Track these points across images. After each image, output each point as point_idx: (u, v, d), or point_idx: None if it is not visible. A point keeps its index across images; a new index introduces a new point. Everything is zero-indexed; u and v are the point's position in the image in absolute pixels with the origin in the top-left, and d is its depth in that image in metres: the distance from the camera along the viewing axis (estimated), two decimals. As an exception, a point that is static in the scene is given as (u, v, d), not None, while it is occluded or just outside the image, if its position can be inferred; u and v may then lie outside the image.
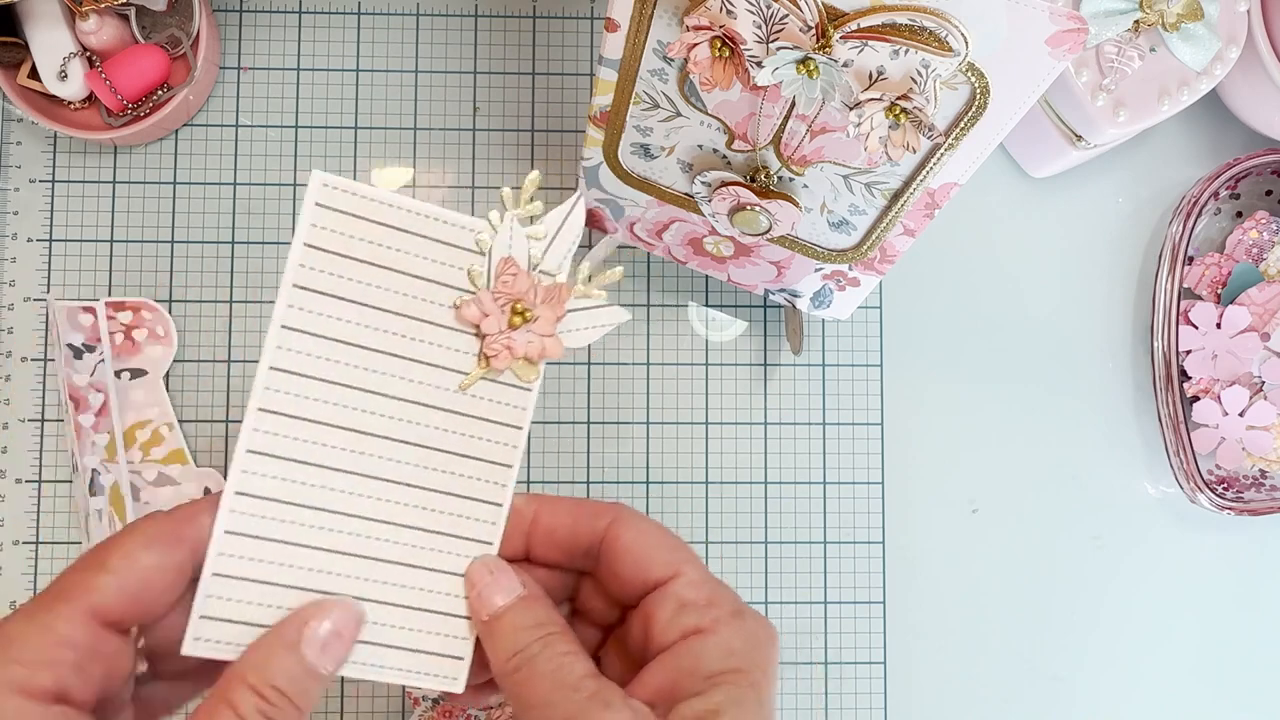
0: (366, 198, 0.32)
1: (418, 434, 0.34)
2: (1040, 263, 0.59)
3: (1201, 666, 0.58)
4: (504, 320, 0.34)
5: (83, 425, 0.53)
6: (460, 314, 0.34)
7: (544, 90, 0.58)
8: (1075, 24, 0.33)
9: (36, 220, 0.56)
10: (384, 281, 0.33)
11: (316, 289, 0.33)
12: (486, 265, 0.34)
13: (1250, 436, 0.56)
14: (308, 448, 0.33)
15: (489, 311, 0.34)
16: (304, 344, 0.33)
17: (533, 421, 0.56)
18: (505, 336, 0.34)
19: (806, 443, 0.57)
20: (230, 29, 0.57)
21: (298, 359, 0.33)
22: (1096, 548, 0.58)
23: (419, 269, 0.33)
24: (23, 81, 0.53)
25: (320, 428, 0.33)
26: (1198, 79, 0.51)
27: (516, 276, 0.34)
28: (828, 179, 0.42)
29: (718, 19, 0.35)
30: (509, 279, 0.34)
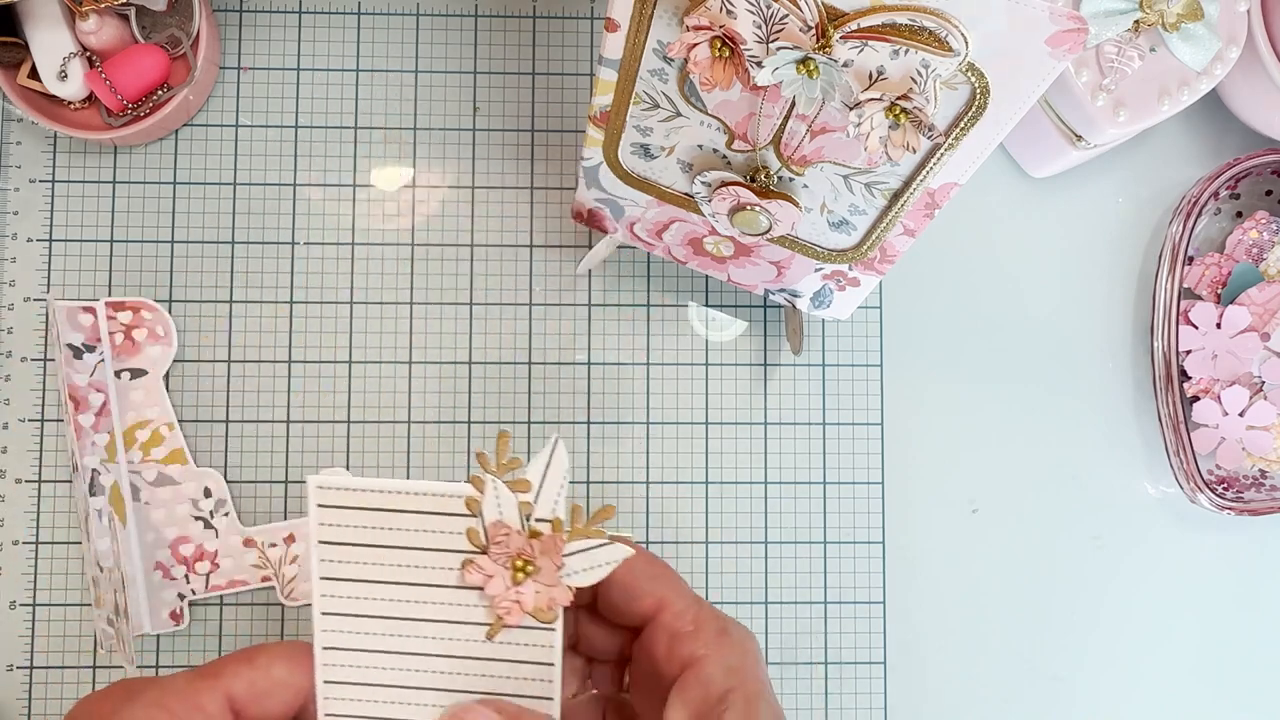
0: (359, 490, 0.35)
1: (461, 682, 0.37)
2: (1040, 263, 0.59)
3: (1201, 666, 0.58)
4: (508, 577, 0.35)
5: (83, 425, 0.53)
6: (466, 580, 0.35)
7: (544, 90, 0.58)
8: (1075, 24, 0.33)
9: (36, 220, 0.56)
10: (396, 559, 0.36)
11: (340, 577, 0.36)
12: (481, 528, 0.36)
13: (1250, 436, 0.56)
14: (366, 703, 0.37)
15: (491, 573, 0.35)
16: (342, 624, 0.36)
17: (532, 421, 0.57)
18: (513, 593, 0.35)
19: (806, 443, 0.57)
20: (230, 29, 0.57)
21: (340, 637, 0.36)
22: (1096, 548, 0.58)
23: (423, 541, 0.36)
24: (23, 81, 0.53)
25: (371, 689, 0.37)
26: (1198, 79, 0.51)
27: (509, 536, 0.35)
28: (828, 179, 0.42)
29: (718, 19, 0.35)
30: (503, 540, 0.35)
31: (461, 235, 0.57)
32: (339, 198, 0.57)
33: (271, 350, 0.56)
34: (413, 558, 0.36)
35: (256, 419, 0.56)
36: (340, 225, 0.57)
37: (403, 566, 0.36)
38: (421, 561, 0.36)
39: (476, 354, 0.57)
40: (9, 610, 0.54)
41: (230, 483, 0.55)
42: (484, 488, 0.35)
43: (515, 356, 0.57)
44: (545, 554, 0.35)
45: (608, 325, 0.57)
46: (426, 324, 0.57)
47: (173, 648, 0.55)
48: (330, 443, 0.56)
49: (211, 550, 0.55)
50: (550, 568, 0.35)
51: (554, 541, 0.35)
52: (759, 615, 0.56)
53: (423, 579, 0.36)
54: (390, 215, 0.57)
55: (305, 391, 0.56)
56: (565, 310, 0.57)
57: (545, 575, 0.35)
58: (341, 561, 0.36)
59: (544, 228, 0.58)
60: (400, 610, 0.36)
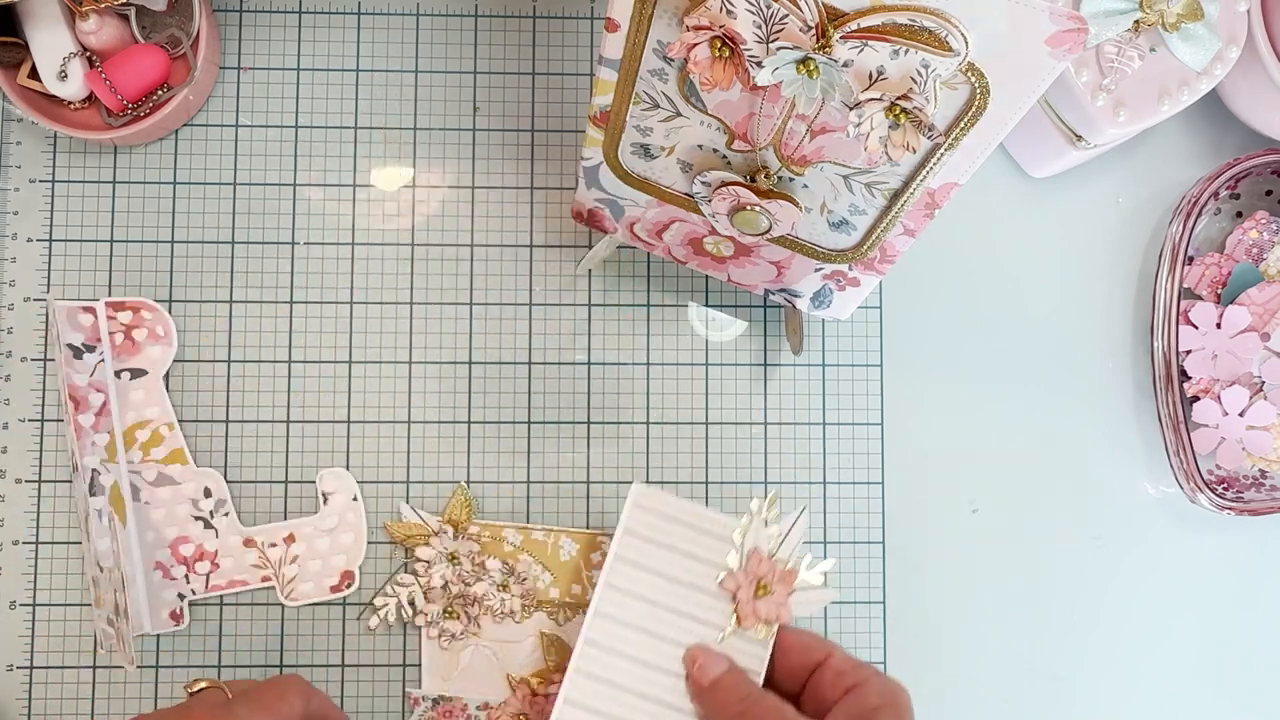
0: (668, 502, 0.49)
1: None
2: (1040, 263, 0.59)
3: (1201, 666, 0.58)
4: (751, 591, 0.48)
5: (83, 425, 0.53)
6: (723, 585, 0.48)
7: (544, 90, 0.58)
8: (1075, 24, 0.33)
9: (36, 220, 0.56)
10: (672, 561, 0.48)
11: (631, 562, 0.48)
12: (740, 552, 0.49)
13: (1250, 436, 0.56)
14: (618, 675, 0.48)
15: (741, 584, 0.48)
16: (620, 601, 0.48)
17: (532, 421, 0.57)
18: (751, 603, 0.48)
19: (806, 443, 0.57)
20: (230, 29, 0.57)
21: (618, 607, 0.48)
22: (1096, 548, 0.58)
23: (698, 551, 0.49)
24: (23, 81, 0.53)
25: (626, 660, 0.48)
26: (1198, 79, 0.51)
27: (760, 563, 0.49)
28: (828, 179, 0.42)
29: (718, 19, 0.35)
30: (755, 563, 0.49)
31: (461, 235, 0.57)
32: (339, 198, 0.57)
33: (271, 350, 0.56)
34: (685, 564, 0.48)
35: (256, 419, 0.56)
36: (340, 225, 0.57)
37: (677, 567, 0.48)
38: (692, 569, 0.48)
39: (476, 354, 0.57)
40: (9, 610, 0.54)
41: (230, 483, 0.55)
42: (751, 526, 0.49)
43: (515, 356, 0.57)
44: (781, 582, 0.48)
45: (608, 325, 0.57)
46: (426, 324, 0.57)
47: (173, 647, 0.55)
48: (330, 443, 0.56)
49: (211, 550, 0.55)
50: (782, 593, 0.48)
51: (788, 575, 0.49)
52: (759, 615, 0.56)
53: (690, 579, 0.48)
54: (390, 215, 0.57)
55: (305, 391, 0.56)
56: (565, 310, 0.57)
57: (777, 597, 0.48)
58: (636, 552, 0.48)
59: (544, 228, 0.58)
60: (663, 599, 0.48)
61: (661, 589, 0.48)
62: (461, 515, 0.55)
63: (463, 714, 0.54)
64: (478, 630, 0.54)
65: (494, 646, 0.55)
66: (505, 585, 0.55)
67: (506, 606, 0.54)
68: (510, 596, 0.55)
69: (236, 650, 0.55)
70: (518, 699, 0.54)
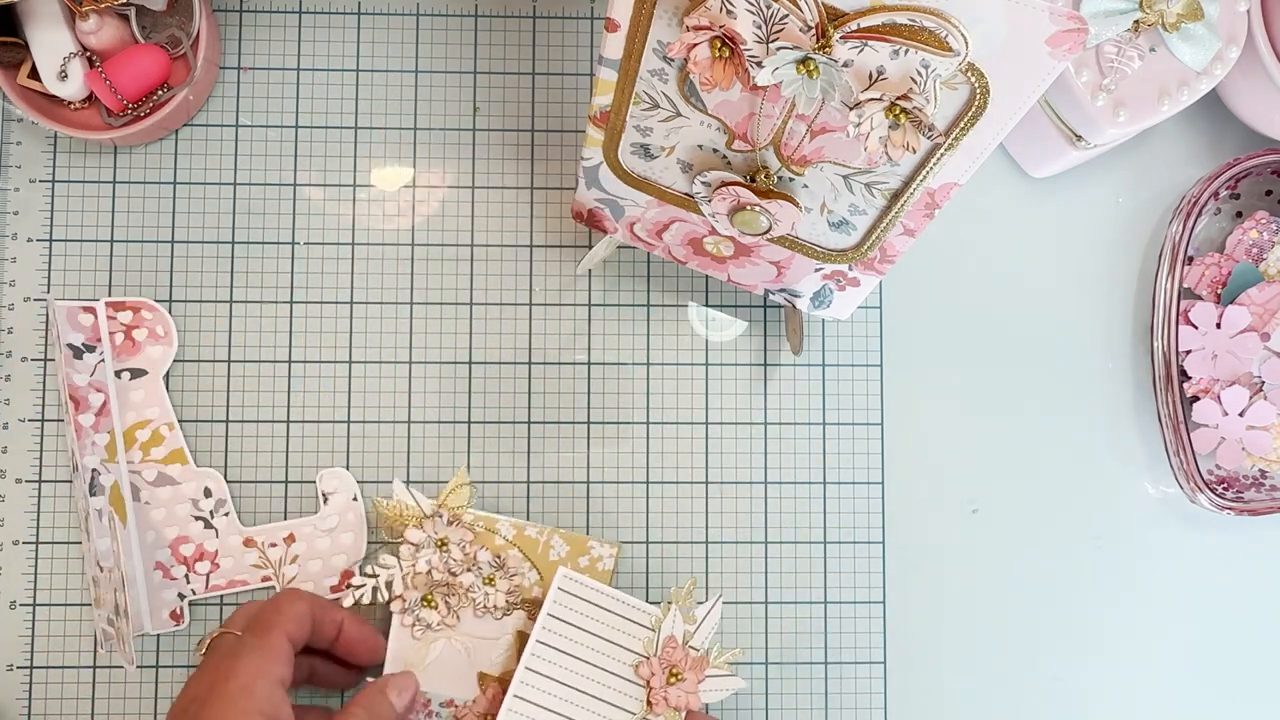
0: (591, 588, 0.52)
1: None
2: (1040, 263, 0.59)
3: (1201, 666, 0.58)
4: (664, 679, 0.51)
5: (83, 425, 0.53)
6: (638, 671, 0.51)
7: (544, 90, 0.58)
8: (1075, 24, 0.33)
9: (36, 220, 0.56)
10: (592, 645, 0.52)
11: (552, 646, 0.51)
12: (656, 639, 0.52)
13: (1250, 436, 0.56)
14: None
15: (655, 672, 0.51)
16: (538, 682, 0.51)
17: (532, 421, 0.57)
18: (663, 690, 0.51)
19: (806, 443, 0.57)
20: (230, 29, 0.57)
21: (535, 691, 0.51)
22: (1096, 548, 0.58)
23: (616, 637, 0.52)
24: (23, 81, 0.53)
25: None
26: (1198, 79, 0.51)
27: (674, 650, 0.52)
28: (828, 179, 0.42)
29: (718, 19, 0.35)
30: (670, 651, 0.52)
31: (461, 235, 0.57)
32: (339, 198, 0.57)
33: (271, 350, 0.56)
34: (600, 646, 0.51)
35: (256, 419, 0.56)
36: (340, 225, 0.57)
37: (591, 649, 0.51)
38: (607, 651, 0.51)
39: (476, 354, 0.57)
40: (9, 610, 0.54)
41: (230, 483, 0.55)
42: (668, 613, 0.52)
43: (515, 356, 0.57)
44: (692, 670, 0.52)
45: (608, 325, 0.57)
46: (426, 324, 0.57)
47: (173, 647, 0.55)
48: (330, 443, 0.56)
49: (212, 550, 0.55)
50: (693, 681, 0.52)
51: (700, 663, 0.52)
52: (759, 615, 0.56)
53: (602, 663, 0.51)
54: (390, 215, 0.57)
55: (305, 391, 0.56)
56: (565, 310, 0.57)
57: (687, 685, 0.51)
58: (554, 633, 0.51)
59: (544, 228, 0.58)
60: (578, 680, 0.51)
61: (579, 672, 0.51)
62: (459, 501, 0.54)
63: (424, 709, 0.54)
64: (455, 622, 0.54)
65: (468, 642, 0.54)
66: (491, 579, 0.54)
67: (490, 601, 0.54)
68: (495, 591, 0.54)
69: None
70: (486, 698, 0.53)
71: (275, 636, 0.46)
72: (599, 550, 0.55)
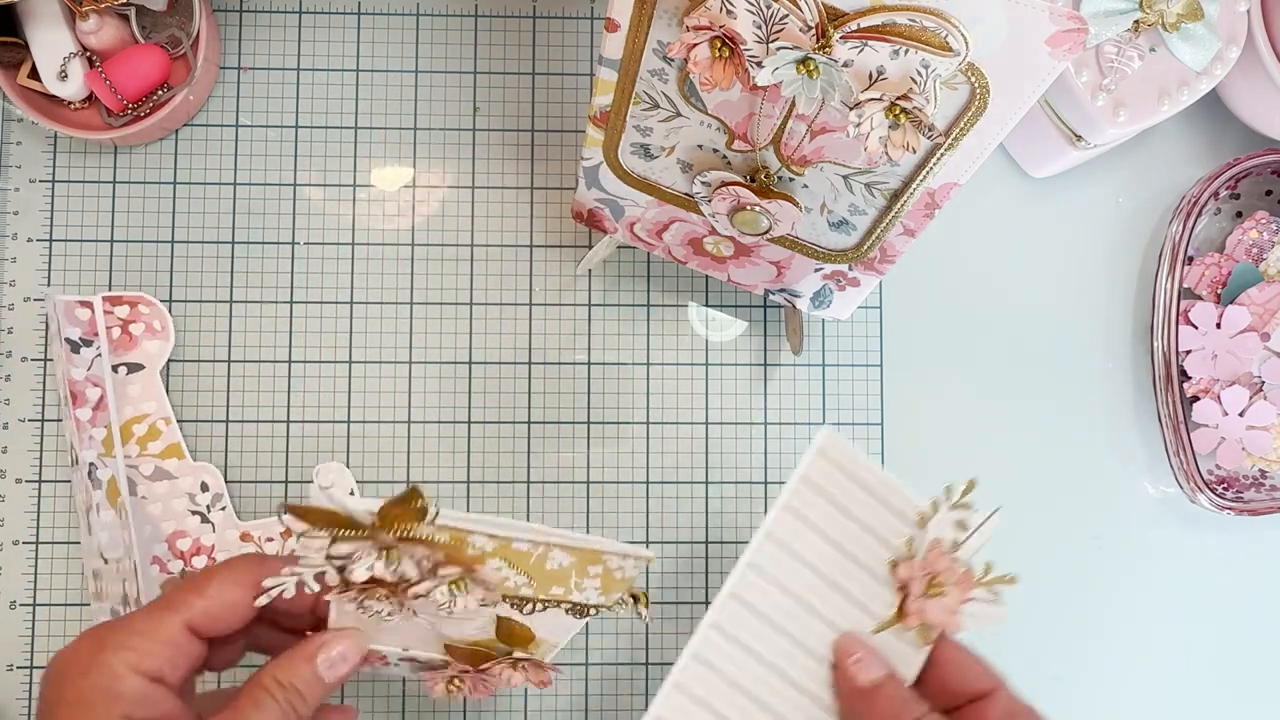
0: (855, 459, 0.41)
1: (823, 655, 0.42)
2: (1040, 263, 0.59)
3: (1201, 665, 0.58)
4: (923, 586, 0.41)
5: (80, 419, 0.53)
6: (896, 571, 0.42)
7: (544, 90, 0.58)
8: (1075, 24, 0.33)
9: (36, 220, 0.56)
10: (844, 528, 0.42)
11: (800, 516, 0.41)
12: (921, 539, 0.42)
13: (1250, 436, 0.56)
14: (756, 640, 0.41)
15: (915, 575, 0.41)
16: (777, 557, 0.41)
17: (532, 421, 0.57)
18: (921, 600, 0.41)
19: (807, 443, 0.57)
20: (230, 29, 0.57)
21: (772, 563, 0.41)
22: (1097, 548, 0.58)
23: (874, 524, 0.42)
24: (23, 81, 0.53)
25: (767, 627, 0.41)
26: (1198, 79, 0.51)
27: (939, 557, 0.42)
28: (828, 179, 0.42)
29: (718, 19, 0.35)
30: (933, 556, 0.42)
31: (461, 235, 0.57)
32: (339, 198, 0.57)
33: (271, 350, 0.56)
34: (857, 534, 0.41)
35: (256, 419, 0.56)
36: (340, 225, 0.57)
37: (846, 535, 0.41)
38: (863, 541, 0.41)
39: (476, 354, 0.57)
40: (9, 610, 0.54)
41: (230, 482, 0.55)
42: (937, 512, 0.42)
43: (515, 356, 0.57)
44: (957, 585, 0.42)
45: (608, 325, 0.57)
46: (426, 324, 0.57)
47: (173, 647, 0.55)
48: (330, 442, 0.56)
49: (208, 544, 0.55)
50: (955, 598, 0.41)
51: (967, 578, 0.42)
52: (759, 615, 0.56)
53: (857, 553, 0.41)
54: (390, 215, 0.57)
55: (305, 391, 0.56)
56: (565, 310, 0.57)
57: (950, 601, 0.41)
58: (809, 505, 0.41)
59: (544, 228, 0.58)
60: (827, 566, 0.41)
61: (825, 556, 0.41)
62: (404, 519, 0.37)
63: (380, 661, 0.44)
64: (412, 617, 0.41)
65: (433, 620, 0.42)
66: (461, 585, 0.39)
67: (459, 604, 0.40)
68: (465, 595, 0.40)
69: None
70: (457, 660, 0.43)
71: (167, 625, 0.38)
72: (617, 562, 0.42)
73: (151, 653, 0.38)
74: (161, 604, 0.39)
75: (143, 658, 0.38)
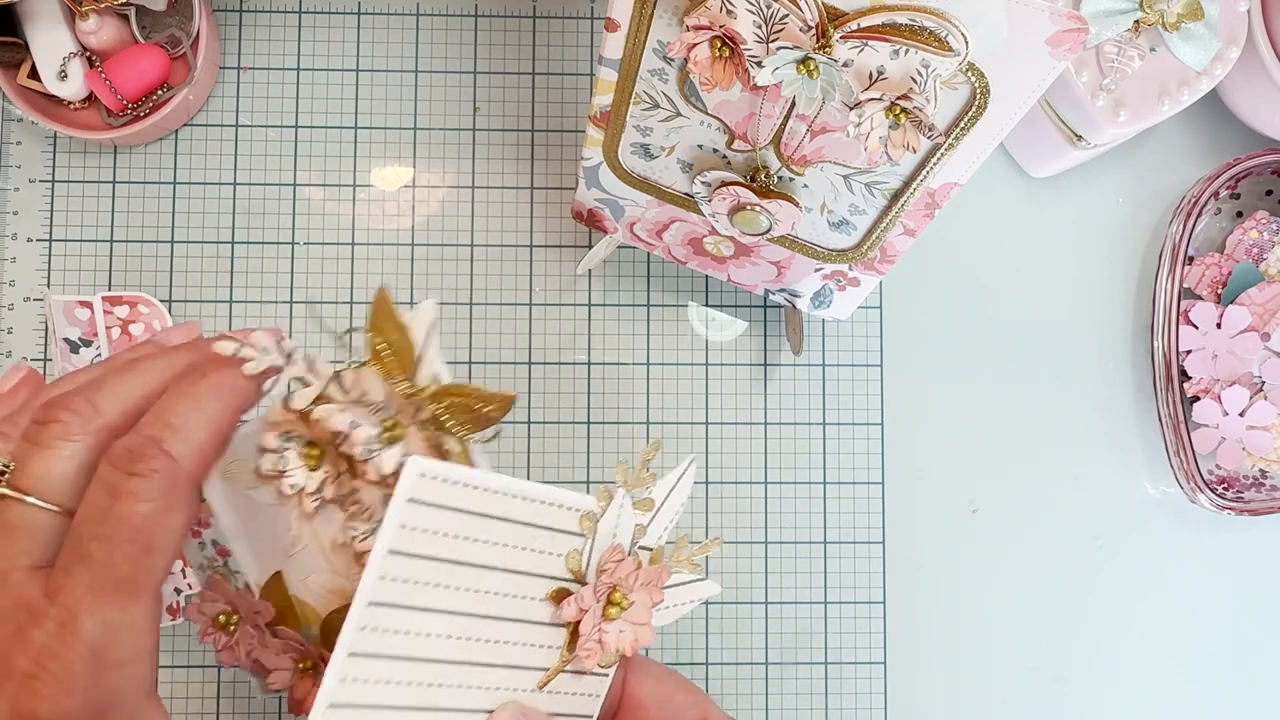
0: (464, 485, 0.28)
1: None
2: (1040, 263, 0.59)
3: (1201, 666, 0.58)
4: (599, 614, 0.31)
5: (82, 425, 0.53)
6: (560, 615, 0.31)
7: (544, 90, 0.58)
8: (1075, 24, 0.33)
9: (36, 220, 0.56)
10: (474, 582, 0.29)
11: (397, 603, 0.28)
12: (588, 551, 0.31)
13: (1250, 436, 0.56)
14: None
15: (588, 607, 0.31)
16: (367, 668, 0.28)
17: (532, 421, 0.57)
18: (598, 631, 0.31)
19: (806, 443, 0.57)
20: (230, 29, 0.57)
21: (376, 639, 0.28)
22: (1097, 548, 0.58)
23: (514, 562, 0.30)
24: (23, 81, 0.53)
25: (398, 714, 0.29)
26: (1198, 79, 0.51)
27: (620, 563, 0.31)
28: (828, 179, 0.42)
29: (718, 19, 0.35)
30: (612, 565, 0.31)
31: (461, 235, 0.57)
32: (339, 198, 0.57)
33: (271, 350, 0.56)
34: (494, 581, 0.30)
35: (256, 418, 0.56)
36: (340, 225, 0.57)
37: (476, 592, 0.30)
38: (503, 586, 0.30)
39: (476, 354, 0.57)
40: (9, 610, 0.54)
41: (230, 483, 0.55)
42: (610, 503, 0.31)
43: (515, 356, 0.57)
44: (645, 587, 0.32)
45: (608, 325, 0.57)
46: (426, 324, 0.57)
47: (172, 647, 0.55)
48: (330, 443, 0.56)
49: (211, 550, 0.54)
50: (645, 604, 0.32)
51: (658, 573, 0.32)
52: (759, 615, 0.56)
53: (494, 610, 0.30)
54: (390, 215, 0.57)
55: (305, 391, 0.56)
56: (565, 310, 0.57)
57: (637, 612, 0.32)
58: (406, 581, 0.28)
59: (544, 228, 0.58)
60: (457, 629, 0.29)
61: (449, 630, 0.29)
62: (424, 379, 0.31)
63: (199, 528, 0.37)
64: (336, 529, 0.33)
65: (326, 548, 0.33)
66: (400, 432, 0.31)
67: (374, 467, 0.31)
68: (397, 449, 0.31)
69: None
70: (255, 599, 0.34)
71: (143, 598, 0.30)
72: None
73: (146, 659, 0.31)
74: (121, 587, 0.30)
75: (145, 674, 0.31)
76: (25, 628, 0.28)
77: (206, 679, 0.54)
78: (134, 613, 0.29)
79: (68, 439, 0.30)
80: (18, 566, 0.29)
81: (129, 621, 0.29)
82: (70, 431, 0.30)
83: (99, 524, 0.29)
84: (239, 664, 0.34)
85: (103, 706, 0.29)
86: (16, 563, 0.29)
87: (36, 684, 0.28)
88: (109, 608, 0.29)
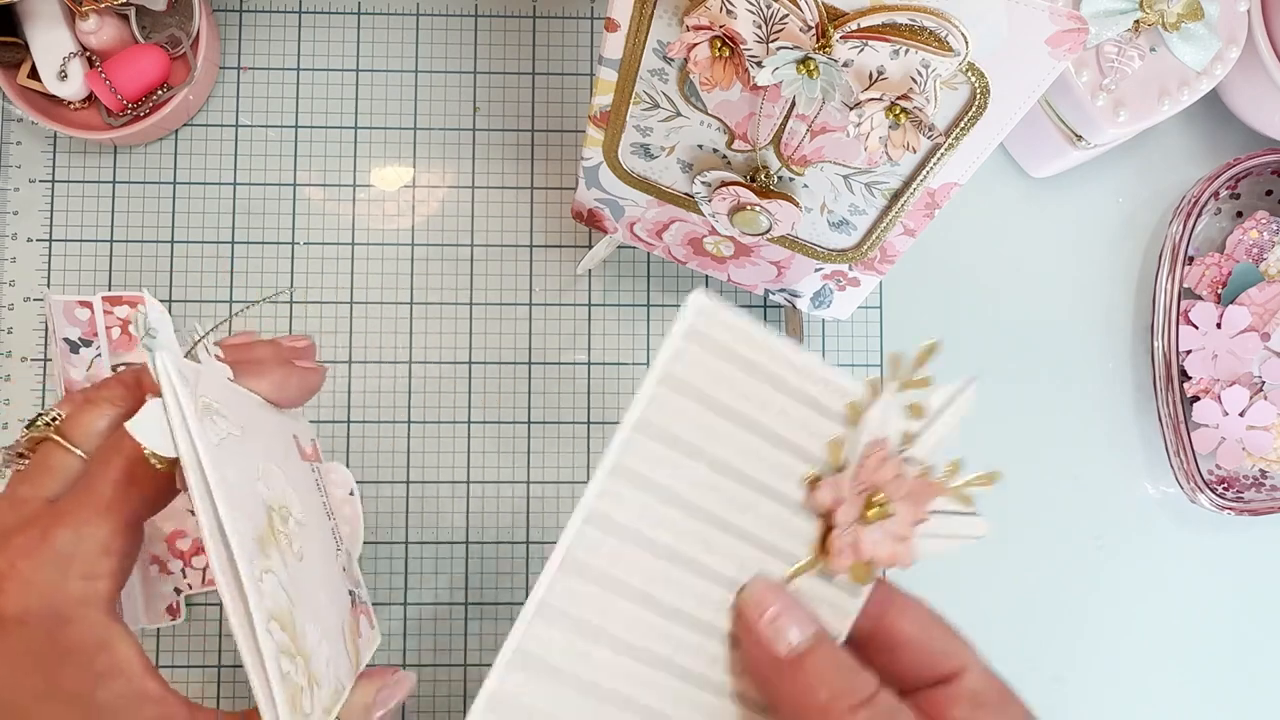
0: (743, 336, 0.27)
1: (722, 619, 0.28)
2: (1040, 263, 0.59)
3: (1202, 666, 0.58)
4: (858, 510, 0.28)
5: (82, 425, 0.53)
6: (814, 497, 0.28)
7: (544, 90, 0.58)
8: (1075, 24, 0.33)
9: (36, 220, 0.56)
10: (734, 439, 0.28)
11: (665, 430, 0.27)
12: (855, 441, 0.28)
13: (1250, 436, 0.56)
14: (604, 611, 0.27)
15: (843, 496, 0.28)
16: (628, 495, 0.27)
17: (532, 421, 0.57)
18: (853, 530, 0.29)
19: (806, 443, 0.57)
20: (230, 29, 0.57)
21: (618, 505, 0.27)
22: (1097, 548, 0.58)
23: (779, 427, 0.28)
24: (23, 81, 0.53)
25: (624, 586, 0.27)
26: (1198, 79, 0.51)
27: (884, 463, 0.29)
28: (828, 179, 0.42)
29: (718, 19, 0.35)
30: (875, 463, 0.28)
31: (461, 235, 0.57)
32: (339, 198, 0.57)
33: (271, 350, 0.56)
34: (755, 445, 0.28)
35: (256, 419, 0.56)
36: (340, 225, 0.57)
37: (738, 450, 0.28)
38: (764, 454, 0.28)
39: (476, 354, 0.57)
40: (9, 610, 0.54)
41: (230, 482, 0.55)
42: (878, 395, 0.28)
43: (515, 356, 0.57)
44: (909, 499, 0.29)
45: (608, 325, 0.57)
46: (426, 324, 0.57)
47: (173, 648, 0.55)
48: (330, 443, 0.56)
49: (211, 550, 0.54)
50: (907, 518, 0.29)
51: (926, 489, 0.29)
52: (759, 615, 0.56)
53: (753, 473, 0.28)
54: (390, 215, 0.57)
55: (305, 391, 0.56)
56: (565, 310, 0.57)
57: (898, 524, 0.29)
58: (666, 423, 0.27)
59: (544, 228, 0.58)
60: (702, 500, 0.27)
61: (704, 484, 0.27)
62: None
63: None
64: None
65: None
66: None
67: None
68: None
69: (235, 646, 0.55)
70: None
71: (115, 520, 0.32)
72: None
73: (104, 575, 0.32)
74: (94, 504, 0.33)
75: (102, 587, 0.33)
76: (11, 534, 0.32)
77: (206, 679, 0.54)
78: (105, 530, 0.32)
79: (113, 403, 0.35)
80: (39, 497, 0.33)
81: (99, 538, 0.32)
82: (116, 397, 0.35)
83: (100, 456, 0.33)
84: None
85: (65, 615, 0.31)
86: (40, 494, 0.33)
87: (5, 582, 0.31)
88: (84, 524, 0.32)
